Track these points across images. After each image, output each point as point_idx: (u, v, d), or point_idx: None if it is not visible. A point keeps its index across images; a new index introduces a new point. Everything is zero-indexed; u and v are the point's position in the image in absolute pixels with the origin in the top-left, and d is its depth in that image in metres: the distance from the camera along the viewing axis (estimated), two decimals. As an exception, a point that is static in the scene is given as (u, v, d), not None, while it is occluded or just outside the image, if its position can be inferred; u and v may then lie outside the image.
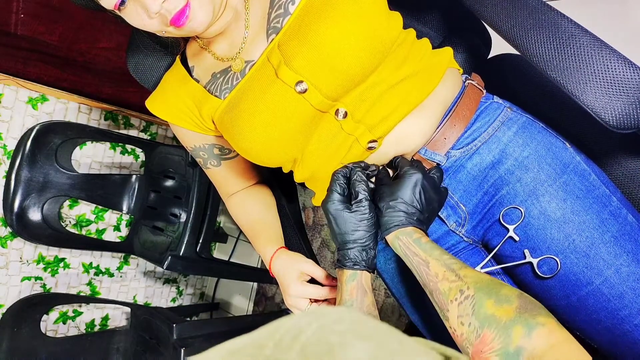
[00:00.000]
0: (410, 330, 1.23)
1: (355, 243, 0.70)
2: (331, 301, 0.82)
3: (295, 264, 0.82)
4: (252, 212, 0.93)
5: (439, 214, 0.78)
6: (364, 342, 0.26)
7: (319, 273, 0.81)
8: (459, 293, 0.58)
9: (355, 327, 0.28)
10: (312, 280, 0.82)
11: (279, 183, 1.02)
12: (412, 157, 0.77)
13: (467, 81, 0.79)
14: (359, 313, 0.31)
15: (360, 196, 0.70)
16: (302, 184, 0.86)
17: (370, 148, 0.74)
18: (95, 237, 1.87)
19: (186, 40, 0.87)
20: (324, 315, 0.29)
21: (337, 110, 0.73)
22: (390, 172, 0.78)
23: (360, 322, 0.29)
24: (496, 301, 0.54)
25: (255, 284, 2.27)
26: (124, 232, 1.95)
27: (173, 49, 0.91)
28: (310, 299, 0.81)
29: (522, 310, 0.53)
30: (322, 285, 0.81)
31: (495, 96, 0.79)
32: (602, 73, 0.60)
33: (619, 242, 0.66)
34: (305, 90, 0.70)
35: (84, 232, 1.83)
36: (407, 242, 0.67)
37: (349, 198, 0.72)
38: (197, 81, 0.82)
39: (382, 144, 0.75)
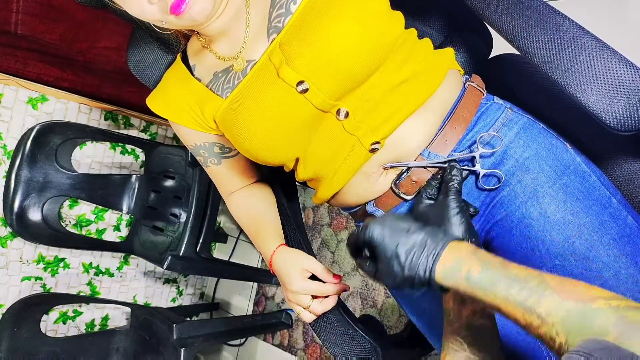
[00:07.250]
0: (410, 330, 1.23)
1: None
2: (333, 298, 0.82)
3: (297, 260, 0.82)
4: (252, 210, 0.93)
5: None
6: None
7: (320, 269, 0.82)
8: (550, 340, 0.47)
9: None
10: (313, 277, 0.83)
11: (279, 182, 1.02)
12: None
13: (467, 83, 0.79)
14: None
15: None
16: (303, 184, 0.86)
17: (373, 150, 0.74)
18: (95, 237, 1.86)
19: (187, 38, 0.87)
20: None
21: (339, 110, 0.73)
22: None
23: None
24: None
25: (255, 284, 2.26)
26: (124, 232, 1.95)
27: (174, 47, 0.91)
28: (311, 296, 0.82)
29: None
30: (323, 282, 0.82)
31: (495, 97, 0.79)
32: (603, 75, 0.60)
33: (618, 245, 0.66)
34: (307, 90, 0.70)
35: (84, 232, 1.83)
36: None
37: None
38: (199, 80, 0.82)
39: (384, 144, 0.75)
